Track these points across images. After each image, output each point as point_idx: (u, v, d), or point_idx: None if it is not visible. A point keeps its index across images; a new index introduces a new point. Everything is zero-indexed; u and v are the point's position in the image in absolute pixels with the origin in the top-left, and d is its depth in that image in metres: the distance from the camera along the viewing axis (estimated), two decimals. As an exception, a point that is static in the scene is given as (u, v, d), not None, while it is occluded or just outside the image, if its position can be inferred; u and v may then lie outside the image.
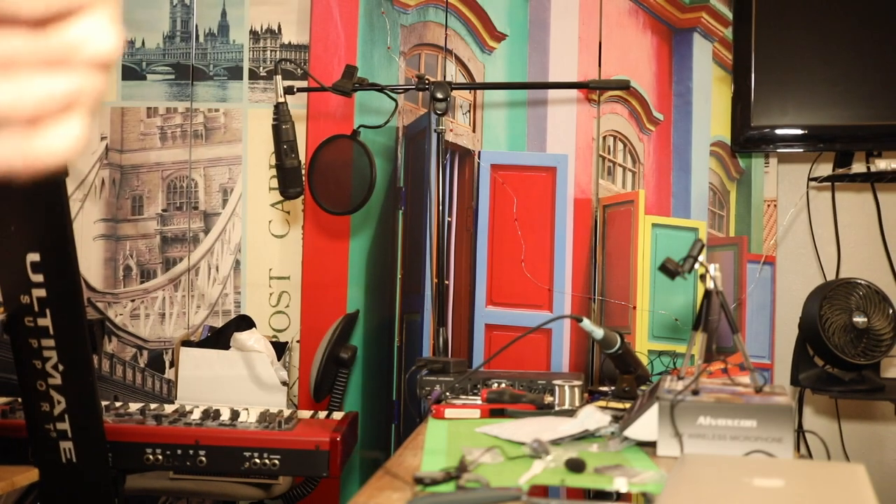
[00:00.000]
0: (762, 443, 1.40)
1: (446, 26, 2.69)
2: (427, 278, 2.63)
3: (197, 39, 2.92)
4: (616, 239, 2.64)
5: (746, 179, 2.64)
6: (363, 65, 2.66)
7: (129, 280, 2.93)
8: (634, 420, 1.51)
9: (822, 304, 2.26)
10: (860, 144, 2.48)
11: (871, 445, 2.68)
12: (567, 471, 1.32)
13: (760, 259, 2.60)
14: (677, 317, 2.61)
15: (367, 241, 2.71)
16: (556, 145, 2.66)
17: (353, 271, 2.70)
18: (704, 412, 1.43)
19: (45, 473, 1.99)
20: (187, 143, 2.92)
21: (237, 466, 2.05)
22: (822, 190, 2.70)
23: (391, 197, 2.70)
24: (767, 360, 2.58)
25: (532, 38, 2.69)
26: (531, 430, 1.60)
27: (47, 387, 1.94)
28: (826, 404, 2.68)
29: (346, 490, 2.66)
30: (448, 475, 1.25)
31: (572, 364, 2.62)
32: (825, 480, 1.13)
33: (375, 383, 2.70)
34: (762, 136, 2.52)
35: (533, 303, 2.63)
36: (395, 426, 2.68)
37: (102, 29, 0.75)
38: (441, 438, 1.60)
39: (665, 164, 2.66)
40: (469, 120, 2.70)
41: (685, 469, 1.17)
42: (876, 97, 2.45)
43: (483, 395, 1.89)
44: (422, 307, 2.66)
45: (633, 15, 2.67)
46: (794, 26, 2.50)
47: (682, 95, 2.66)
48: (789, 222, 2.72)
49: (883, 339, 2.23)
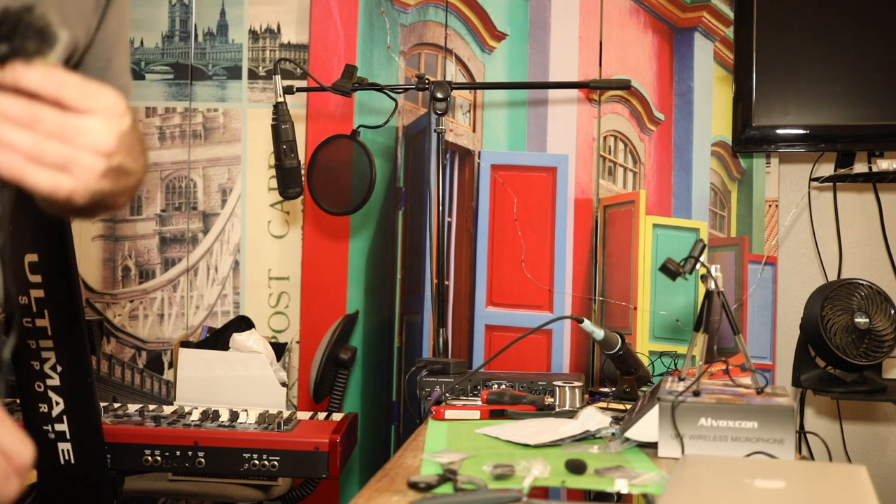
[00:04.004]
0: (763, 444, 1.39)
1: (446, 26, 2.69)
2: (427, 279, 2.63)
3: (196, 39, 2.91)
4: (617, 239, 2.63)
5: (748, 179, 2.63)
6: (363, 64, 2.66)
7: (128, 281, 2.92)
8: (635, 421, 1.50)
9: (823, 305, 2.25)
10: (862, 144, 2.47)
11: (873, 447, 2.67)
12: (568, 472, 1.31)
13: (762, 259, 2.59)
14: (678, 317, 2.60)
15: (366, 241, 2.70)
16: (556, 145, 2.65)
17: (352, 272, 2.69)
18: (705, 413, 1.42)
19: (44, 475, 1.99)
20: (186, 144, 2.92)
21: (236, 468, 2.04)
22: (823, 190, 2.69)
23: (391, 197, 2.70)
24: (769, 361, 2.57)
25: (532, 37, 2.68)
26: (532, 431, 1.59)
27: (45, 388, 1.94)
28: (827, 405, 2.67)
29: (346, 491, 2.65)
30: (443, 478, 1.24)
31: (573, 365, 2.61)
32: (827, 482, 1.12)
33: (375, 384, 2.69)
34: (763, 136, 2.51)
35: (533, 303, 2.63)
36: (394, 427, 2.67)
37: (103, 128, 0.77)
38: (441, 440, 1.59)
39: (666, 164, 2.65)
40: (469, 120, 2.69)
41: (686, 470, 1.16)
42: (878, 97, 2.44)
43: (483, 396, 1.88)
44: (422, 308, 2.65)
45: (634, 14, 2.66)
46: (795, 26, 2.49)
47: (684, 95, 2.66)
48: (791, 222, 2.71)
49: (885, 340, 2.22)
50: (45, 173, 0.77)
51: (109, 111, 0.79)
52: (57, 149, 0.77)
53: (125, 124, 0.82)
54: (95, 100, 0.78)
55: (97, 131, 0.78)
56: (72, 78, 0.75)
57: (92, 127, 0.78)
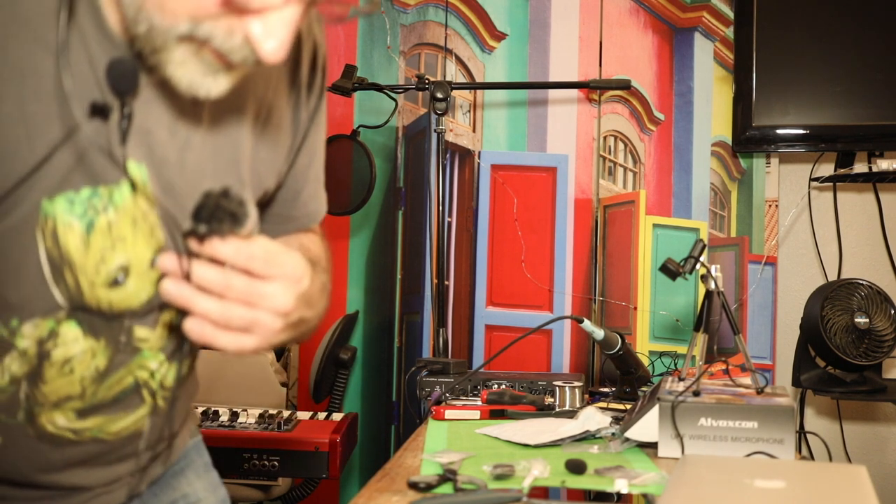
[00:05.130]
0: (763, 444, 1.39)
1: (446, 26, 2.69)
2: (427, 279, 2.63)
3: (196, 39, 2.91)
4: (617, 239, 2.63)
5: (748, 179, 2.63)
6: (363, 64, 2.66)
7: (129, 280, 2.92)
8: (635, 421, 1.50)
9: (823, 305, 2.25)
10: (862, 144, 2.47)
11: (873, 447, 2.67)
12: (568, 472, 1.31)
13: (762, 259, 2.59)
14: (678, 317, 2.60)
15: (366, 241, 2.70)
16: (556, 145, 2.65)
17: (352, 272, 2.69)
18: (705, 413, 1.42)
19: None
20: (187, 144, 2.91)
21: (236, 467, 2.04)
22: (823, 190, 2.69)
23: (391, 197, 2.70)
24: (769, 361, 2.57)
25: (532, 37, 2.68)
26: (531, 431, 1.59)
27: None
28: (827, 405, 2.67)
29: (346, 491, 2.65)
30: (443, 478, 1.24)
31: (573, 365, 2.61)
32: (826, 482, 1.12)
33: (375, 384, 2.69)
34: (763, 135, 2.51)
35: (533, 303, 2.63)
36: (394, 427, 2.67)
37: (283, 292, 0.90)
38: (441, 440, 1.59)
39: (666, 164, 2.65)
40: (469, 120, 2.69)
41: (686, 470, 1.16)
42: (878, 97, 2.44)
43: (483, 396, 1.88)
44: (422, 308, 2.65)
45: (634, 14, 2.66)
46: (795, 26, 2.49)
47: (683, 95, 2.66)
48: (791, 222, 2.71)
49: (885, 340, 2.22)
50: (231, 336, 0.89)
51: (290, 277, 0.91)
52: (242, 313, 0.89)
53: (303, 286, 0.94)
54: (278, 268, 0.90)
55: (278, 295, 0.90)
56: (258, 249, 0.88)
57: (273, 292, 0.90)
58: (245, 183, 1.07)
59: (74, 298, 0.97)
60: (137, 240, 0.98)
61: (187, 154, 1.00)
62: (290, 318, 0.93)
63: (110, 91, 0.90)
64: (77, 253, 0.95)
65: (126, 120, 0.91)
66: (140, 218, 0.97)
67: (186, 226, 0.88)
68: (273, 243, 0.91)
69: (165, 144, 0.98)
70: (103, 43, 0.91)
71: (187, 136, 0.99)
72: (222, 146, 1.03)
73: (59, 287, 0.96)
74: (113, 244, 0.96)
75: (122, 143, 0.92)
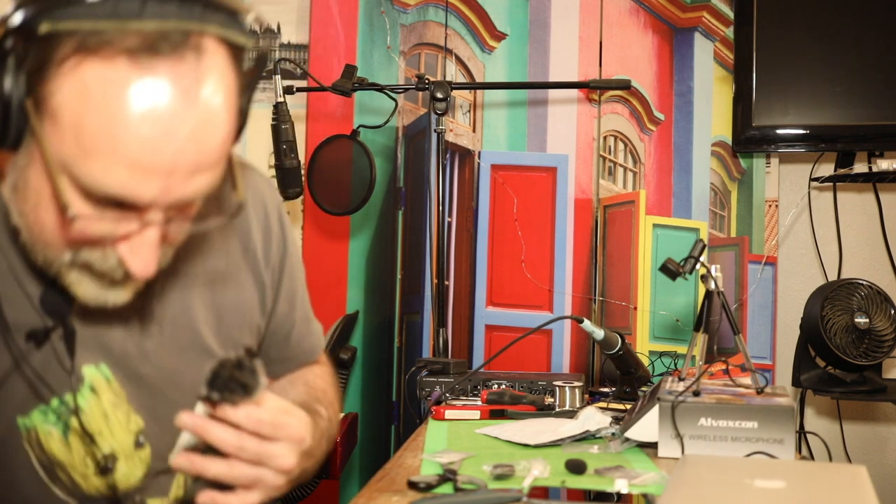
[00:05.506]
0: (763, 444, 1.39)
1: (446, 26, 2.69)
2: (427, 279, 2.63)
3: (196, 39, 2.91)
4: (617, 239, 2.63)
5: (748, 179, 2.63)
6: (363, 64, 2.65)
7: (129, 281, 2.92)
8: (635, 421, 1.50)
9: (823, 305, 2.25)
10: (862, 144, 2.47)
11: (873, 447, 2.67)
12: (568, 472, 1.31)
13: (762, 259, 2.59)
14: (678, 317, 2.60)
15: (366, 241, 2.70)
16: (556, 145, 2.65)
17: (352, 272, 2.69)
18: (705, 413, 1.42)
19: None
20: (187, 144, 2.91)
21: (236, 468, 2.04)
22: (823, 190, 2.69)
23: (391, 197, 2.70)
24: (769, 361, 2.57)
25: (532, 37, 2.68)
26: (532, 431, 1.59)
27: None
28: (827, 405, 2.67)
29: (346, 492, 2.65)
30: (443, 478, 1.24)
31: (573, 365, 2.61)
32: (827, 482, 1.12)
33: (375, 384, 2.69)
34: (763, 135, 2.51)
35: (533, 303, 2.63)
36: (394, 427, 2.67)
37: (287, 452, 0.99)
38: (441, 440, 1.59)
39: (666, 164, 2.65)
40: (469, 120, 2.69)
41: (686, 470, 1.16)
42: (878, 97, 2.44)
43: (483, 396, 1.88)
44: (422, 308, 2.65)
45: (634, 14, 2.66)
46: (795, 26, 2.49)
47: (683, 95, 2.66)
48: (791, 222, 2.71)
49: (885, 340, 2.22)
50: (238, 497, 0.98)
51: (294, 438, 1.00)
52: (249, 472, 0.97)
53: (306, 445, 1.03)
54: (283, 431, 0.99)
55: (283, 455, 0.99)
56: (267, 414, 0.97)
57: (279, 452, 0.98)
58: (213, 351, 1.15)
59: (75, 492, 1.07)
60: (114, 429, 1.08)
61: (146, 343, 1.09)
62: (293, 473, 1.02)
63: (48, 316, 1.01)
64: (62, 454, 1.06)
65: (70, 336, 1.02)
66: (110, 411, 1.07)
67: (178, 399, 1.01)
68: (279, 402, 1.00)
69: (123, 340, 1.08)
70: (29, 272, 1.01)
71: (141, 325, 1.09)
72: (181, 327, 1.13)
73: (56, 485, 1.06)
74: (92, 439, 1.06)
75: (70, 356, 1.02)
